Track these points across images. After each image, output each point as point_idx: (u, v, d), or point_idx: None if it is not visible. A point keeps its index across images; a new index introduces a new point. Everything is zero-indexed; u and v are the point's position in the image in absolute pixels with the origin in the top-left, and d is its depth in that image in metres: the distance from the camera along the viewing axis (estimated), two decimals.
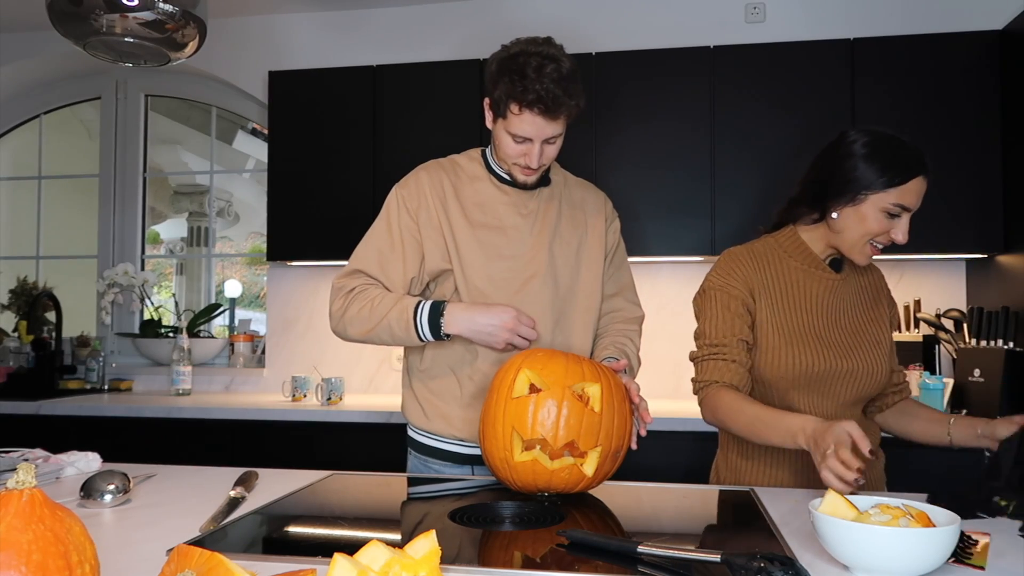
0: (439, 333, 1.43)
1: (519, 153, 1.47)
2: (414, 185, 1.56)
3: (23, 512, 0.61)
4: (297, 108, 2.99)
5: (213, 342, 3.41)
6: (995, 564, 0.90)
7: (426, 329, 1.43)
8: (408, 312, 1.43)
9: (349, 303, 1.48)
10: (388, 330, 1.44)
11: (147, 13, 1.51)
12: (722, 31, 2.96)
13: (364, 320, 1.46)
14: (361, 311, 1.46)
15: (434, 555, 0.71)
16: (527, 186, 1.54)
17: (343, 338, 1.51)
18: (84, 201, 3.81)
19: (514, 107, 1.42)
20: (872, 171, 1.34)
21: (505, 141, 1.47)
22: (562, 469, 1.20)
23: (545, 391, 1.21)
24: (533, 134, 1.44)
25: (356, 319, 1.47)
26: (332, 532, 1.11)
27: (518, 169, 1.51)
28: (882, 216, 1.35)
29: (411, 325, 1.43)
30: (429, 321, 1.42)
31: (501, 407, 1.23)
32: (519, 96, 1.40)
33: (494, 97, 1.46)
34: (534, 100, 1.39)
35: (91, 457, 1.46)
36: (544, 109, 1.40)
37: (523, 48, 1.43)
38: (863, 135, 1.38)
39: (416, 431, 1.61)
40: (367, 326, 1.46)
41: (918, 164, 1.34)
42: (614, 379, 1.28)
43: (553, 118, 1.42)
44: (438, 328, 1.42)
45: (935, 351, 2.60)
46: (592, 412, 1.21)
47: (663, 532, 1.17)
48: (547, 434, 1.19)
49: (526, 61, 1.40)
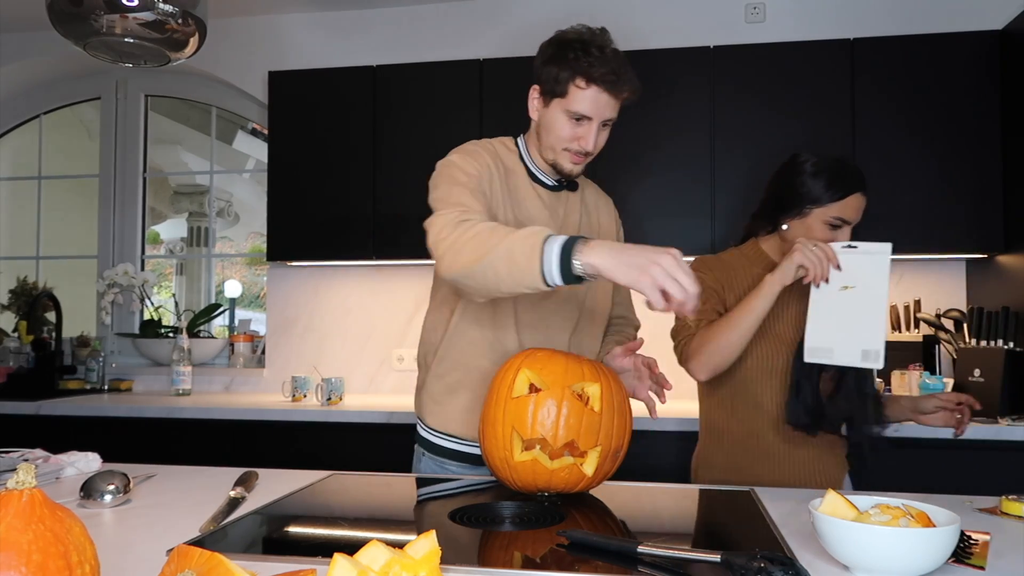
0: (568, 266, 1.13)
1: (573, 136, 1.43)
2: (471, 158, 1.44)
3: (23, 512, 0.61)
4: (297, 108, 2.99)
5: (213, 342, 3.41)
6: (995, 564, 0.90)
7: (554, 257, 1.14)
8: (537, 237, 1.16)
9: (461, 227, 1.26)
10: (507, 255, 1.17)
11: (147, 13, 1.51)
12: (722, 31, 2.96)
13: (481, 243, 1.21)
14: (478, 235, 1.22)
15: (434, 555, 0.71)
16: (571, 176, 1.51)
17: (447, 268, 1.26)
18: (84, 201, 3.81)
19: (580, 81, 1.39)
20: (816, 187, 1.53)
21: (559, 123, 1.43)
22: (562, 469, 1.20)
23: (545, 391, 1.21)
24: (594, 112, 1.41)
25: (471, 242, 1.22)
26: (332, 532, 1.11)
27: (567, 156, 1.45)
28: (825, 228, 1.54)
29: (537, 251, 1.15)
30: (562, 249, 1.14)
31: (501, 407, 1.23)
32: (585, 70, 1.38)
33: (551, 76, 1.42)
34: (602, 75, 1.38)
35: (91, 457, 1.46)
36: (610, 84, 1.39)
37: (580, 33, 1.43)
38: (811, 156, 1.58)
39: (434, 433, 1.57)
40: (482, 250, 1.20)
41: (857, 182, 1.53)
42: (614, 379, 1.28)
43: (617, 95, 1.41)
44: (568, 258, 1.13)
45: (935, 351, 2.60)
46: (592, 412, 1.21)
47: (663, 532, 1.17)
48: (547, 434, 1.19)
49: (590, 39, 1.41)
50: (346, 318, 3.23)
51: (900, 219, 2.58)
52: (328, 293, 3.27)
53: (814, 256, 1.44)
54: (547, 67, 1.43)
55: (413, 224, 2.90)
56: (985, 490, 1.34)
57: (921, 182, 2.57)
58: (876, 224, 2.57)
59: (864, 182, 1.54)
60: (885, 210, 2.59)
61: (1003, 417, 2.27)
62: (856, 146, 2.61)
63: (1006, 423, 2.23)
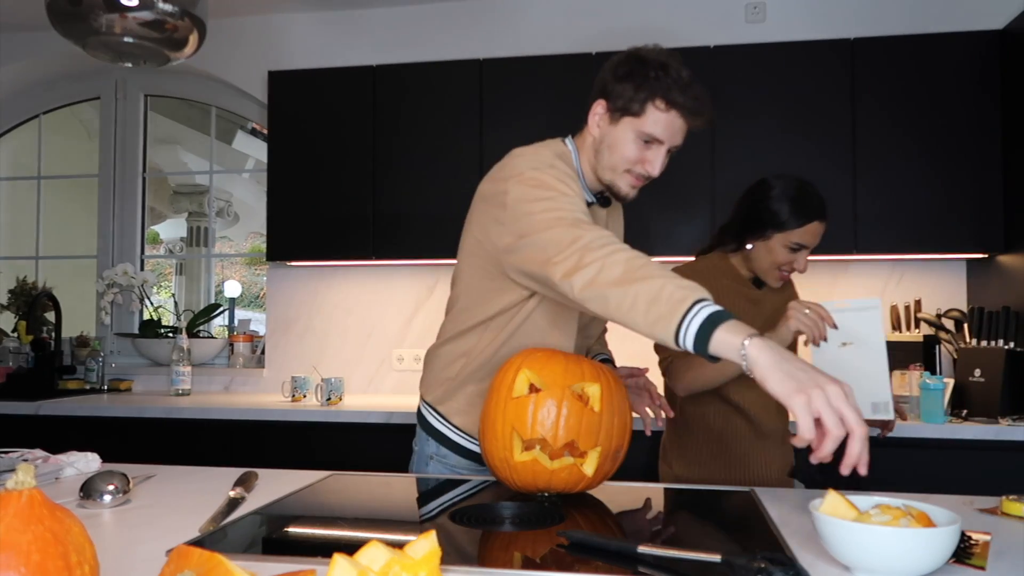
0: (705, 341, 1.02)
1: (639, 159, 1.38)
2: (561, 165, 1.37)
3: (22, 513, 0.61)
4: (296, 108, 2.99)
5: (213, 342, 3.41)
6: (995, 564, 0.90)
7: (694, 323, 1.02)
8: (689, 292, 1.06)
9: (608, 248, 1.14)
10: (655, 293, 1.06)
11: (146, 13, 1.51)
12: (722, 31, 2.96)
13: (633, 271, 1.10)
14: (631, 260, 1.12)
15: (434, 555, 0.71)
16: (625, 200, 1.46)
17: (587, 283, 1.13)
18: (84, 201, 3.81)
19: (660, 103, 1.34)
20: (780, 214, 1.63)
21: (626, 144, 1.38)
22: (562, 469, 1.20)
23: (545, 391, 1.21)
24: (667, 136, 1.36)
25: (621, 265, 1.11)
26: (332, 532, 1.10)
27: (629, 178, 1.40)
28: (785, 250, 1.65)
29: (684, 304, 1.04)
30: (709, 317, 1.02)
31: (501, 407, 1.23)
32: (666, 92, 1.33)
33: (625, 93, 1.36)
34: (684, 100, 1.34)
35: (90, 457, 1.46)
36: (690, 111, 1.35)
37: (659, 53, 1.37)
38: (778, 183, 1.67)
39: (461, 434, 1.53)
40: (633, 277, 1.09)
41: (817, 211, 1.63)
42: (614, 379, 1.28)
43: (691, 122, 1.37)
44: (708, 332, 1.01)
45: (935, 351, 2.59)
46: (592, 412, 1.21)
47: (663, 532, 1.17)
48: (547, 434, 1.19)
49: (670, 62, 1.35)
50: (346, 318, 3.23)
51: (900, 219, 2.58)
52: (328, 293, 3.26)
53: (808, 320, 1.44)
54: (622, 83, 1.36)
55: (413, 224, 2.91)
56: (985, 490, 1.34)
57: (921, 182, 2.57)
58: (876, 224, 2.60)
59: (825, 210, 1.64)
60: (885, 210, 2.59)
61: (1003, 417, 2.27)
62: (856, 146, 2.61)
63: (1006, 423, 2.23)
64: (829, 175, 2.61)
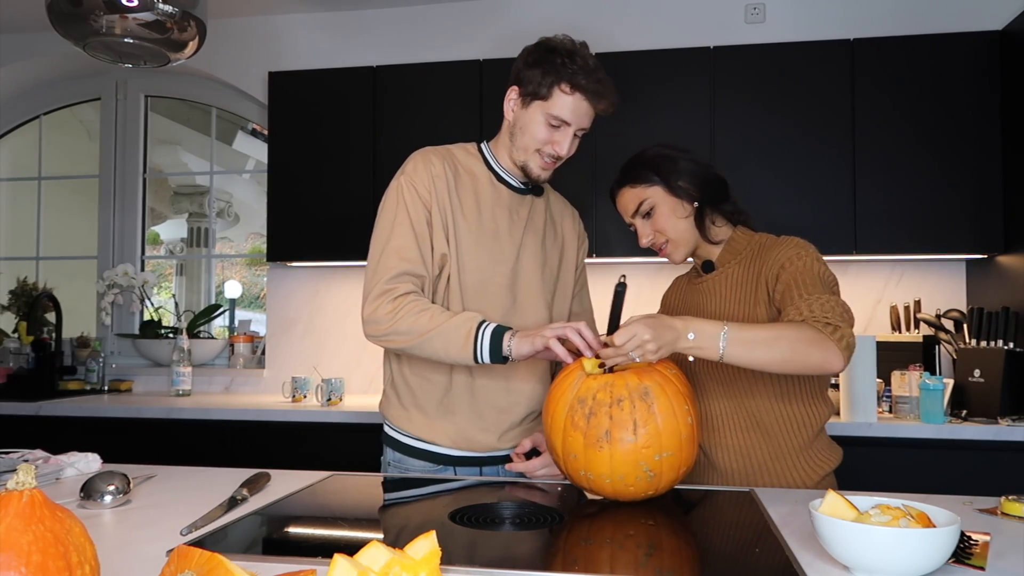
0: (499, 351, 1.34)
1: (548, 140, 1.47)
2: (423, 170, 1.50)
3: (23, 513, 0.61)
4: (297, 109, 2.99)
5: (213, 343, 3.41)
6: (995, 564, 0.90)
7: (486, 341, 1.35)
8: (472, 322, 1.37)
9: (402, 308, 1.40)
10: (443, 336, 1.36)
11: (147, 14, 1.51)
12: (722, 31, 2.96)
13: (420, 326, 1.38)
14: (419, 318, 1.39)
15: (434, 555, 0.71)
16: (538, 180, 1.54)
17: (382, 341, 1.43)
18: (84, 202, 3.81)
19: (564, 86, 1.43)
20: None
21: (536, 126, 1.46)
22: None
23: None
24: (573, 119, 1.45)
25: (411, 325, 1.39)
26: (332, 532, 1.11)
27: (538, 158, 1.49)
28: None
29: (472, 335, 1.35)
30: (492, 336, 1.35)
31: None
32: (571, 76, 1.42)
33: (534, 78, 1.44)
34: (587, 84, 1.43)
35: (91, 458, 1.46)
36: (593, 94, 1.44)
37: (565, 42, 1.47)
38: None
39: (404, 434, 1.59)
40: (420, 331, 1.38)
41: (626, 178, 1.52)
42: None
43: (596, 104, 1.46)
44: (499, 344, 1.34)
45: (935, 351, 2.60)
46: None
47: (663, 532, 1.17)
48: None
49: (575, 49, 1.45)
50: (346, 318, 3.23)
51: (900, 219, 2.58)
52: (328, 293, 3.27)
53: None
54: (531, 70, 1.45)
55: None
56: (985, 490, 1.34)
57: (921, 182, 2.57)
58: (876, 224, 2.60)
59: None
60: (885, 210, 2.59)
61: (1003, 417, 2.27)
62: (856, 146, 2.61)
63: (1006, 423, 2.23)
64: (829, 176, 2.61)
